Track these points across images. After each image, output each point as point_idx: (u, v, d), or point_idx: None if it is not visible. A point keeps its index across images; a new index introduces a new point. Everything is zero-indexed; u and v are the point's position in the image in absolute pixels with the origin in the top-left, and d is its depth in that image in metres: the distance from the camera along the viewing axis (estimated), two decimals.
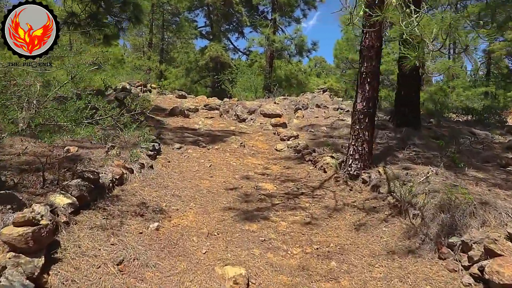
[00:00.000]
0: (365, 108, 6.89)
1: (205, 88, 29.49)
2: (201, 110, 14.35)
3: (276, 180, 7.17)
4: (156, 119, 11.30)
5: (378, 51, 7.02)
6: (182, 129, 10.38)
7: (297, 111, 13.36)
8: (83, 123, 5.14)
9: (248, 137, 10.02)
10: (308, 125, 11.39)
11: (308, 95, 15.61)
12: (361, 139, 6.91)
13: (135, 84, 17.72)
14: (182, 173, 7.03)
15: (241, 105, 13.47)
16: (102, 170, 6.00)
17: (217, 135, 9.81)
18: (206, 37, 31.04)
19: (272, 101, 14.65)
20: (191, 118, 12.67)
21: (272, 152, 9.10)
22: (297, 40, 15.95)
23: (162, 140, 8.74)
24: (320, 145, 8.97)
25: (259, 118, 12.62)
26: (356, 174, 6.88)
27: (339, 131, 10.46)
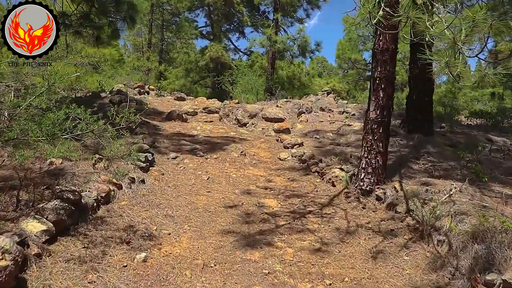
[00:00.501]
0: (378, 117, 6.20)
1: (205, 88, 28.79)
2: (200, 113, 13.66)
3: (280, 195, 6.49)
4: (152, 124, 10.61)
5: (393, 55, 6.33)
6: (179, 135, 9.69)
7: (301, 115, 12.67)
8: (60, 138, 4.45)
9: (249, 145, 9.34)
10: (313, 131, 10.70)
11: (311, 98, 14.92)
12: (375, 151, 6.22)
13: (132, 85, 17.06)
14: (176, 188, 6.35)
15: (241, 109, 12.78)
16: (87, 187, 5.33)
17: (216, 143, 9.13)
18: (206, 37, 30.34)
19: (274, 104, 13.96)
20: (189, 122, 11.98)
21: (275, 161, 8.41)
22: (300, 40, 15.28)
23: (157, 148, 8.05)
24: (327, 154, 8.28)
25: (260, 123, 11.93)
26: (369, 189, 6.19)
27: (346, 137, 9.77)
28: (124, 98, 11.78)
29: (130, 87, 16.92)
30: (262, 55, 16.77)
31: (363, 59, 31.07)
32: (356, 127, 10.65)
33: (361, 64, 31.41)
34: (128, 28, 10.06)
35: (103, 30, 9.97)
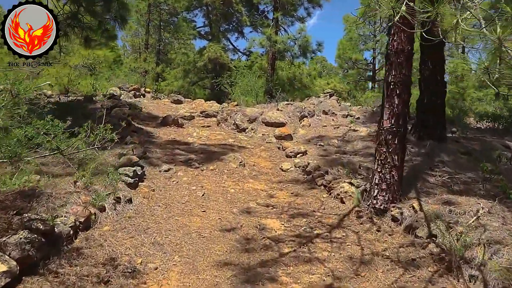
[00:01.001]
0: (393, 126, 5.49)
1: (204, 90, 28.06)
2: (197, 117, 12.94)
3: (283, 214, 5.77)
4: (146, 130, 9.89)
5: (409, 56, 5.61)
6: (174, 143, 8.97)
7: (303, 119, 11.95)
8: (24, 159, 3.74)
9: (248, 153, 8.62)
10: (316, 137, 9.98)
11: (313, 100, 14.20)
12: (389, 165, 5.51)
13: (127, 88, 16.35)
14: (168, 207, 5.63)
15: (240, 113, 12.06)
16: (63, 211, 4.61)
17: (213, 152, 8.41)
18: (205, 38, 29.58)
19: (275, 107, 13.24)
20: (185, 127, 11.26)
21: (276, 172, 7.70)
22: (301, 40, 14.56)
23: (148, 159, 7.34)
24: (333, 164, 7.57)
25: (260, 128, 11.21)
26: (383, 208, 5.48)
27: (352, 144, 9.05)
28: (117, 102, 11.06)
29: (125, 89, 16.21)
30: (261, 56, 16.05)
31: (364, 59, 30.45)
32: (362, 133, 9.94)
33: (362, 64, 30.80)
34: (120, 28, 9.31)
35: (93, 30, 9.25)
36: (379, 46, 29.12)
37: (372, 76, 30.19)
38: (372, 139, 9.18)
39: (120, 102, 11.04)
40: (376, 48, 29.37)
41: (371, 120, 12.28)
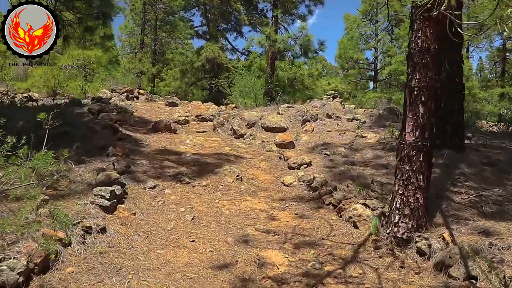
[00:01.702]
0: (418, 140, 4.55)
1: (202, 91, 27.09)
2: (192, 122, 12.00)
3: (286, 243, 4.83)
4: (134, 137, 8.95)
5: (436, 56, 4.66)
6: (164, 153, 8.03)
7: (305, 123, 11.01)
8: None
9: (246, 164, 7.67)
10: (321, 144, 9.03)
11: (316, 103, 13.26)
12: (413, 185, 4.57)
13: (120, 90, 15.40)
14: (149, 236, 4.69)
15: (238, 117, 11.12)
16: (13, 250, 3.67)
17: (207, 163, 7.46)
18: (203, 37, 28.62)
19: (275, 110, 12.30)
20: (179, 133, 10.31)
21: (278, 187, 6.75)
22: (302, 39, 13.61)
23: (133, 174, 6.39)
24: (342, 179, 6.63)
25: (260, 134, 10.26)
26: (406, 238, 4.53)
27: (361, 153, 8.11)
28: (104, 106, 10.11)
29: (118, 91, 15.27)
30: (260, 56, 15.11)
31: (365, 59, 29.50)
32: (371, 140, 9.00)
33: (363, 64, 29.84)
34: (103, 25, 8.37)
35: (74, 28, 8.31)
36: (381, 45, 28.22)
37: (374, 76, 29.24)
38: (383, 147, 8.25)
39: (108, 106, 10.09)
40: (378, 47, 28.47)
41: (378, 124, 11.34)
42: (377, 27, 29.12)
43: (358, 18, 28.89)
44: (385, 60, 28.17)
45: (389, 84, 30.02)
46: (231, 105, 17.45)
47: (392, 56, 27.62)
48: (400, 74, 24.36)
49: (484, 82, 30.61)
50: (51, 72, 13.91)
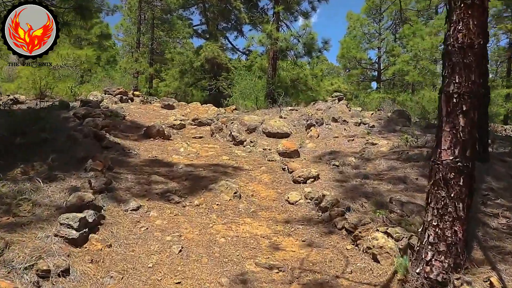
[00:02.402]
0: (458, 159, 3.62)
1: (201, 91, 26.16)
2: (188, 126, 11.08)
3: (294, 283, 3.92)
4: (122, 145, 8.03)
5: (480, 54, 3.71)
6: (153, 164, 7.11)
7: (310, 128, 10.08)
8: None
9: (246, 178, 6.74)
10: (328, 153, 8.11)
11: (320, 105, 12.33)
12: (451, 216, 3.64)
13: (114, 92, 14.46)
14: (125, 278, 3.76)
15: (238, 121, 10.19)
16: None
17: (201, 177, 6.52)
18: (202, 36, 27.71)
19: (277, 113, 11.37)
20: (173, 139, 9.40)
21: (282, 206, 5.82)
22: (306, 38, 12.66)
23: (113, 192, 5.47)
24: (356, 196, 5.71)
25: (261, 140, 9.34)
26: (442, 281, 3.61)
27: (374, 164, 7.18)
28: (91, 110, 9.18)
29: (111, 93, 14.35)
30: (261, 55, 14.17)
31: (368, 58, 28.53)
32: (383, 148, 8.07)
33: (366, 63, 28.88)
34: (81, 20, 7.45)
35: None
36: (384, 44, 27.25)
37: (377, 76, 28.29)
38: (398, 157, 7.32)
39: (95, 110, 9.16)
40: (382, 46, 27.50)
41: (388, 129, 10.41)
42: (381, 26, 28.18)
43: (361, 17, 28.00)
44: (389, 60, 27.19)
45: (392, 85, 29.06)
46: (231, 107, 16.52)
47: (396, 56, 26.70)
48: (405, 74, 23.43)
49: (490, 83, 29.62)
50: (39, 72, 13.02)
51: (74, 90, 12.26)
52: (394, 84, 28.90)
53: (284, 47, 12.75)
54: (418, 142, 8.02)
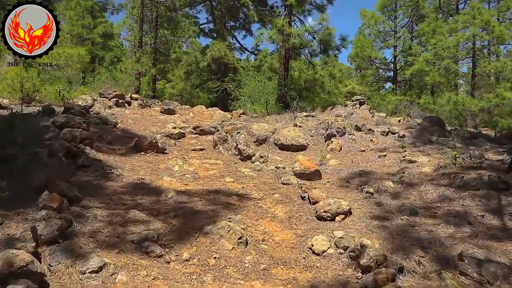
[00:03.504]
0: None
1: (208, 93, 24.55)
2: (188, 135, 9.48)
3: None
4: (104, 163, 6.45)
5: None
6: (137, 190, 5.49)
7: (331, 139, 8.43)
8: None
9: (255, 211, 5.09)
10: (357, 174, 6.44)
11: (340, 110, 10.66)
12: None
13: (109, 95, 12.88)
14: None
15: (245, 131, 8.56)
16: None
17: (196, 212, 4.87)
18: (209, 35, 26.11)
19: (291, 120, 9.73)
20: (168, 153, 7.81)
21: (304, 258, 4.17)
22: (322, 33, 11.00)
23: (71, 240, 3.86)
24: (407, 248, 4.04)
25: (273, 154, 7.72)
26: None
27: (419, 191, 5.51)
28: (70, 119, 7.60)
29: (106, 96, 12.78)
30: (272, 54, 12.51)
31: (383, 58, 26.70)
32: (425, 168, 6.36)
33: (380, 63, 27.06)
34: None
35: None
36: (401, 43, 25.39)
37: (393, 77, 26.45)
38: (450, 182, 5.63)
39: (75, 119, 7.55)
40: (398, 45, 25.62)
41: (422, 140, 8.73)
42: (397, 24, 26.33)
43: (376, 14, 26.19)
44: (406, 59, 25.38)
45: (409, 86, 27.21)
46: (238, 111, 14.89)
47: (414, 55, 24.84)
48: (425, 74, 21.60)
49: None
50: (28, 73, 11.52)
51: (62, 93, 10.69)
52: (411, 85, 27.05)
53: (297, 44, 11.09)
54: (471, 161, 6.31)
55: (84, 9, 23.22)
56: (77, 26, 22.55)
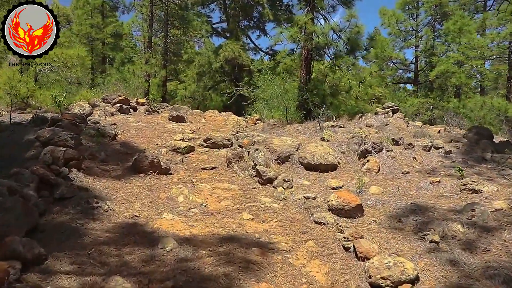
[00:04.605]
0: None
1: (221, 96, 23.14)
2: (198, 149, 8.10)
3: None
4: (90, 193, 5.09)
5: None
6: (125, 237, 4.09)
7: (366, 157, 6.96)
8: None
9: (283, 273, 3.64)
10: (409, 210, 4.94)
11: (370, 119, 9.18)
12: None
13: (113, 99, 11.60)
14: None
15: (264, 146, 7.14)
16: None
17: (203, 278, 3.42)
18: (222, 35, 24.69)
19: (315, 131, 8.27)
20: (173, 174, 6.45)
21: None
22: (350, 31, 9.52)
23: None
24: None
25: (298, 177, 6.29)
26: None
27: (501, 240, 4.02)
28: (56, 134, 6.23)
29: (110, 101, 11.50)
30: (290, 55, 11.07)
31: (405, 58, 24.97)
32: (499, 203, 4.83)
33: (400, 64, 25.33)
34: None
35: None
36: (424, 42, 23.64)
37: (414, 78, 24.72)
38: None
39: (59, 135, 6.18)
40: (419, 45, 23.85)
41: (474, 158, 7.21)
42: (418, 22, 24.55)
43: (397, 13, 24.45)
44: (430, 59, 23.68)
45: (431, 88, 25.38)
46: (253, 117, 13.49)
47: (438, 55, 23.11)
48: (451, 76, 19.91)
49: None
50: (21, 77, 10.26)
51: (58, 99, 9.38)
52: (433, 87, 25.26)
53: (321, 43, 9.63)
54: None
55: (92, 8, 21.99)
56: (85, 26, 21.32)
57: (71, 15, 27.57)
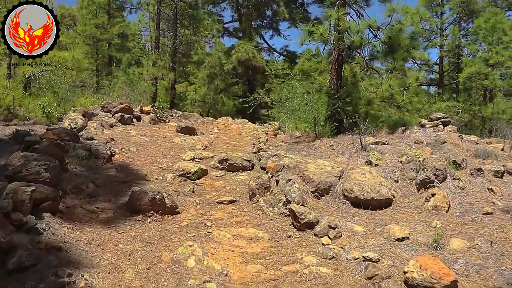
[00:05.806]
0: None
1: (233, 99, 21.58)
2: (212, 172, 6.57)
3: None
4: (65, 252, 3.56)
5: None
6: None
7: (427, 188, 5.34)
8: None
9: None
10: None
11: (417, 133, 7.55)
12: None
13: (114, 108, 10.10)
14: None
15: (296, 174, 5.55)
16: None
17: None
18: (234, 35, 23.12)
19: (356, 152, 6.64)
20: (181, 214, 4.90)
21: None
22: (390, 29, 7.92)
23: None
24: None
25: (346, 219, 4.69)
26: None
27: None
28: (27, 164, 4.68)
29: (110, 110, 10.00)
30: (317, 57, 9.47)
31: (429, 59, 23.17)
32: None
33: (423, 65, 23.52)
34: None
35: None
36: (451, 42, 21.82)
37: (439, 80, 22.93)
38: None
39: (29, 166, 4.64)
40: (444, 44, 22.03)
41: None
42: (443, 21, 22.71)
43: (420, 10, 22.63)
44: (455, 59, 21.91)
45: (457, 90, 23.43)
46: (272, 125, 11.91)
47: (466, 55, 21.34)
48: (484, 78, 18.10)
49: None
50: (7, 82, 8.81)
51: (47, 109, 7.89)
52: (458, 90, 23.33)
53: (357, 43, 8.04)
54: None
55: (98, 7, 20.57)
56: (90, 26, 19.90)
57: (77, 15, 26.22)
